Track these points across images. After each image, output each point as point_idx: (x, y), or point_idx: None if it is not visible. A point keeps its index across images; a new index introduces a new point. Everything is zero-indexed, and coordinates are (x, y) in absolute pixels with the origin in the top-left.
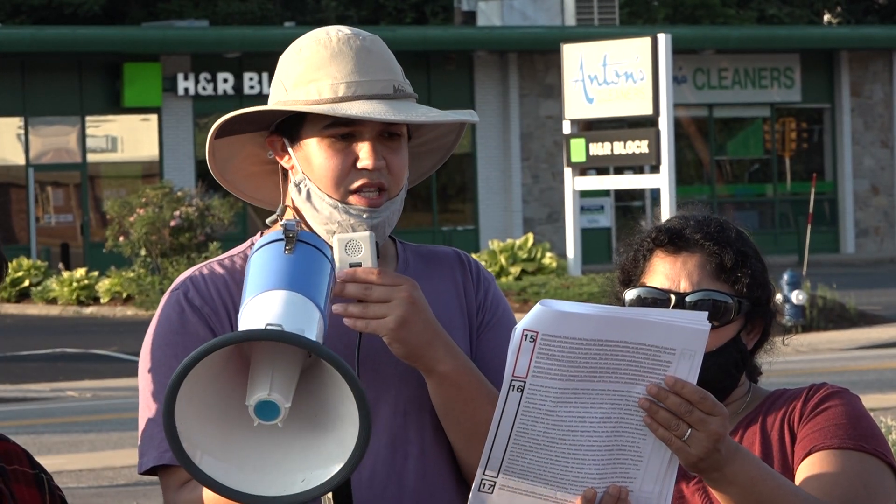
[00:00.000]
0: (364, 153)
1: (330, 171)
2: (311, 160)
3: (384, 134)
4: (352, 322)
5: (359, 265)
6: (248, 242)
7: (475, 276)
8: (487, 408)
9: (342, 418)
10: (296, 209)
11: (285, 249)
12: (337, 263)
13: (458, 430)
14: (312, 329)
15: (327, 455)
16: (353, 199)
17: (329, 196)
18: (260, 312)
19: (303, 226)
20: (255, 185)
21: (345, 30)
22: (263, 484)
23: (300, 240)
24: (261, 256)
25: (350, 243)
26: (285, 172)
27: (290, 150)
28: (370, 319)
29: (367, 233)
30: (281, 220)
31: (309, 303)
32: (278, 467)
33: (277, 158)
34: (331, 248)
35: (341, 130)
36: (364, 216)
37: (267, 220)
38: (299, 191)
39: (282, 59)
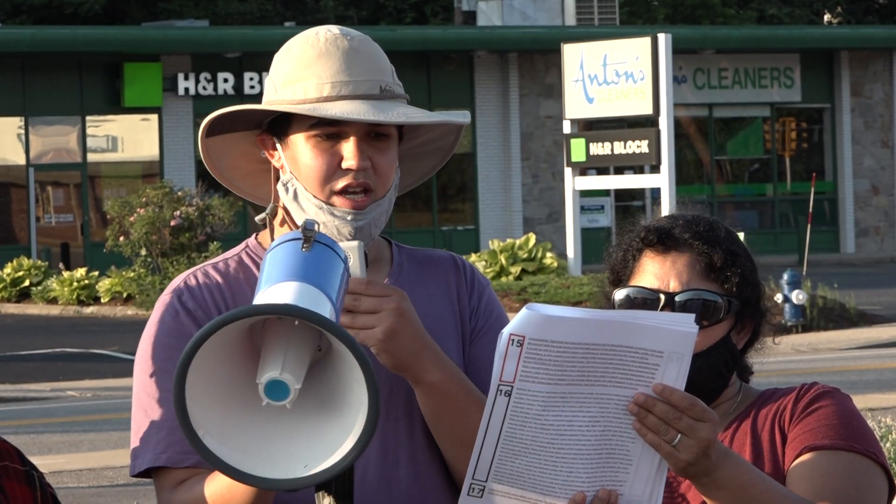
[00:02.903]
0: (349, 153)
1: (315, 170)
2: (297, 159)
3: (371, 134)
4: None
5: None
6: (242, 245)
7: (470, 280)
8: (476, 417)
9: (350, 405)
10: (284, 208)
11: (303, 247)
12: None
13: (447, 438)
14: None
15: (332, 441)
16: (337, 199)
17: (314, 196)
18: (273, 299)
19: (319, 227)
20: (253, 183)
21: (334, 29)
22: (266, 467)
23: (317, 240)
24: (278, 253)
25: None
26: (277, 171)
27: (279, 148)
28: (358, 330)
29: (356, 243)
30: (270, 219)
31: (322, 296)
32: (283, 451)
33: (269, 157)
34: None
35: (326, 130)
36: (348, 218)
37: (256, 219)
38: (287, 190)
39: (274, 58)
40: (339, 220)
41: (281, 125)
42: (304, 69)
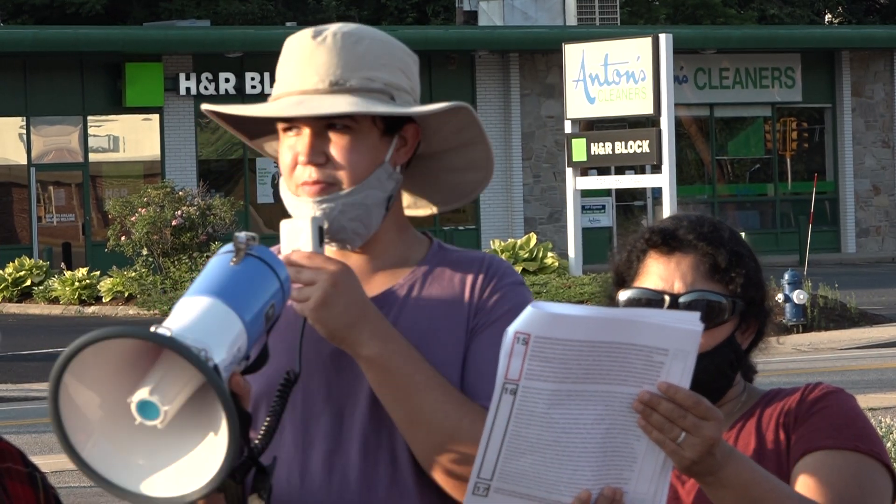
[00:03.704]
0: (301, 147)
1: (283, 165)
2: (279, 155)
3: (331, 127)
4: (293, 304)
5: (299, 250)
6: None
7: (488, 279)
8: (424, 396)
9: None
10: None
11: (231, 260)
12: (282, 247)
13: (395, 416)
14: (225, 339)
15: (209, 461)
16: (301, 190)
17: (287, 189)
18: (176, 314)
19: (257, 240)
20: None
21: (311, 29)
22: (144, 481)
23: (252, 254)
24: (211, 261)
25: (292, 228)
26: None
27: None
28: (300, 301)
29: (309, 217)
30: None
31: (231, 314)
32: (164, 468)
33: None
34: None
35: (284, 126)
36: (309, 204)
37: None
38: (278, 185)
39: None
40: (304, 209)
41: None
42: (279, 69)
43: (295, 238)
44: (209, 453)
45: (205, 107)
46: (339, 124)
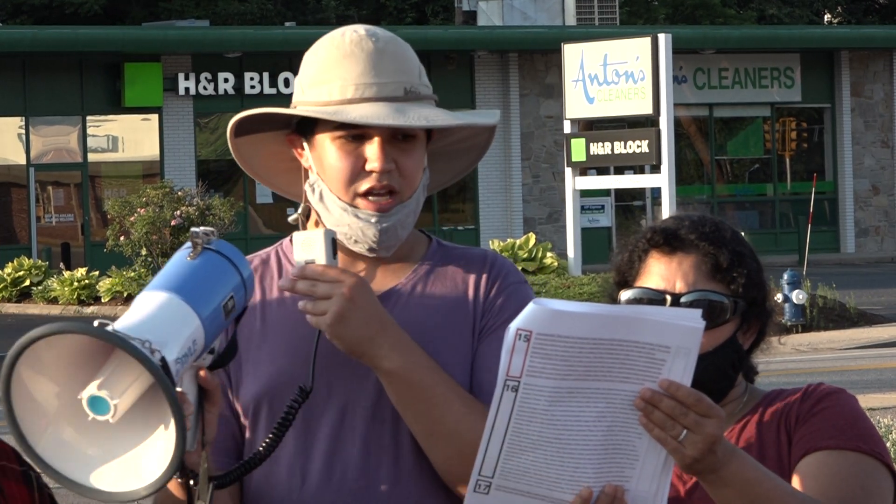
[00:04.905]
0: (372, 155)
1: (340, 172)
2: (323, 161)
3: (397, 136)
4: (309, 318)
5: (313, 262)
6: (276, 244)
7: (493, 278)
8: (445, 407)
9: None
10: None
11: (189, 255)
12: (295, 261)
13: (416, 428)
14: (180, 334)
15: (160, 458)
16: (361, 202)
17: (339, 198)
18: (132, 309)
19: (216, 235)
20: (287, 181)
21: (360, 30)
22: (98, 475)
23: (211, 249)
24: (172, 258)
25: (306, 241)
26: (306, 171)
27: (306, 149)
28: (316, 315)
29: (322, 230)
30: (304, 219)
31: (187, 309)
32: (117, 462)
33: (298, 157)
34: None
35: (351, 132)
36: (372, 220)
37: (289, 219)
38: (313, 191)
39: (303, 59)
40: (363, 222)
41: (308, 126)
42: (329, 71)
43: (308, 250)
44: (163, 450)
45: (267, 110)
46: (408, 133)
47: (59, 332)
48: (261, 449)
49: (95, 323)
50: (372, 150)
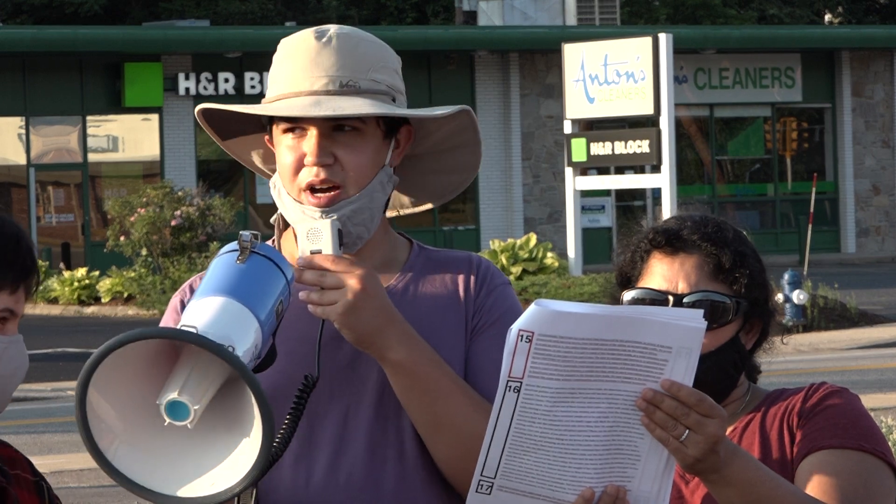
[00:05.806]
0: (308, 148)
1: (284, 167)
2: (278, 157)
3: (341, 129)
4: (312, 308)
5: (320, 252)
6: (276, 235)
7: (481, 279)
8: (449, 401)
9: (254, 426)
10: None
11: (237, 259)
12: (299, 251)
13: (419, 421)
14: (245, 337)
15: (237, 460)
16: (305, 197)
17: (289, 194)
18: (191, 314)
19: (259, 238)
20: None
21: (312, 29)
22: (173, 483)
23: (257, 252)
24: (216, 262)
25: (312, 231)
26: None
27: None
28: (325, 305)
29: (329, 220)
30: (281, 221)
31: (246, 311)
32: (191, 468)
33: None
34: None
35: (287, 126)
36: (317, 215)
37: (271, 220)
38: (274, 188)
39: None
40: (309, 217)
41: (271, 125)
42: (276, 69)
43: (313, 241)
44: (237, 452)
45: (202, 106)
46: (348, 126)
47: (143, 337)
48: (278, 438)
49: (179, 325)
50: (308, 144)
